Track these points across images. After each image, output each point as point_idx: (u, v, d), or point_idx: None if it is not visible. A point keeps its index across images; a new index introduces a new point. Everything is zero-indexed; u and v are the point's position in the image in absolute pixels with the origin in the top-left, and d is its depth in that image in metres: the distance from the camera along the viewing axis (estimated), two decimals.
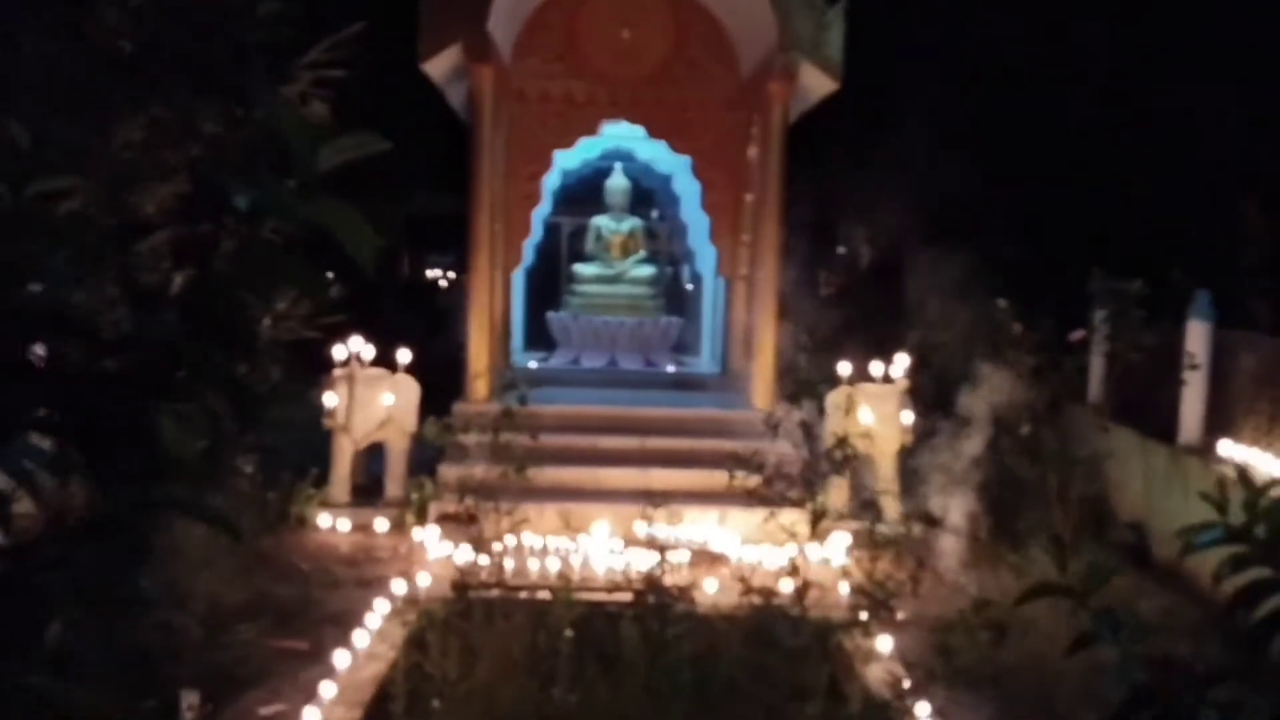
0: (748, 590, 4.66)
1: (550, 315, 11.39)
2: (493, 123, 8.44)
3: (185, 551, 5.54)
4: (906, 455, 7.50)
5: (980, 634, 4.52)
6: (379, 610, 5.33)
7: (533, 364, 10.68)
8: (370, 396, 7.46)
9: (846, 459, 7.56)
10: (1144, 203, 9.53)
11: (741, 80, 9.48)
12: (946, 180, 9.47)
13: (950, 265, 7.78)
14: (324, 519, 7.31)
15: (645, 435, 8.15)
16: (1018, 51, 10.15)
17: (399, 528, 7.29)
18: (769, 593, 4.61)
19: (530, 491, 7.16)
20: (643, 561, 6.42)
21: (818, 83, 8.32)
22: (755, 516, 6.49)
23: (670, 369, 10.57)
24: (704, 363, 11.21)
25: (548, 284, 12.69)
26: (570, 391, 9.32)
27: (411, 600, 5.54)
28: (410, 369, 7.79)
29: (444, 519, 7.05)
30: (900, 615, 4.67)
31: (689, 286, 13.31)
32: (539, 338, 11.69)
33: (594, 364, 10.69)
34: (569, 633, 4.67)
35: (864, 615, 4.54)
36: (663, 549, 6.75)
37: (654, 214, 13.59)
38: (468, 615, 4.90)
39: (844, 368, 7.64)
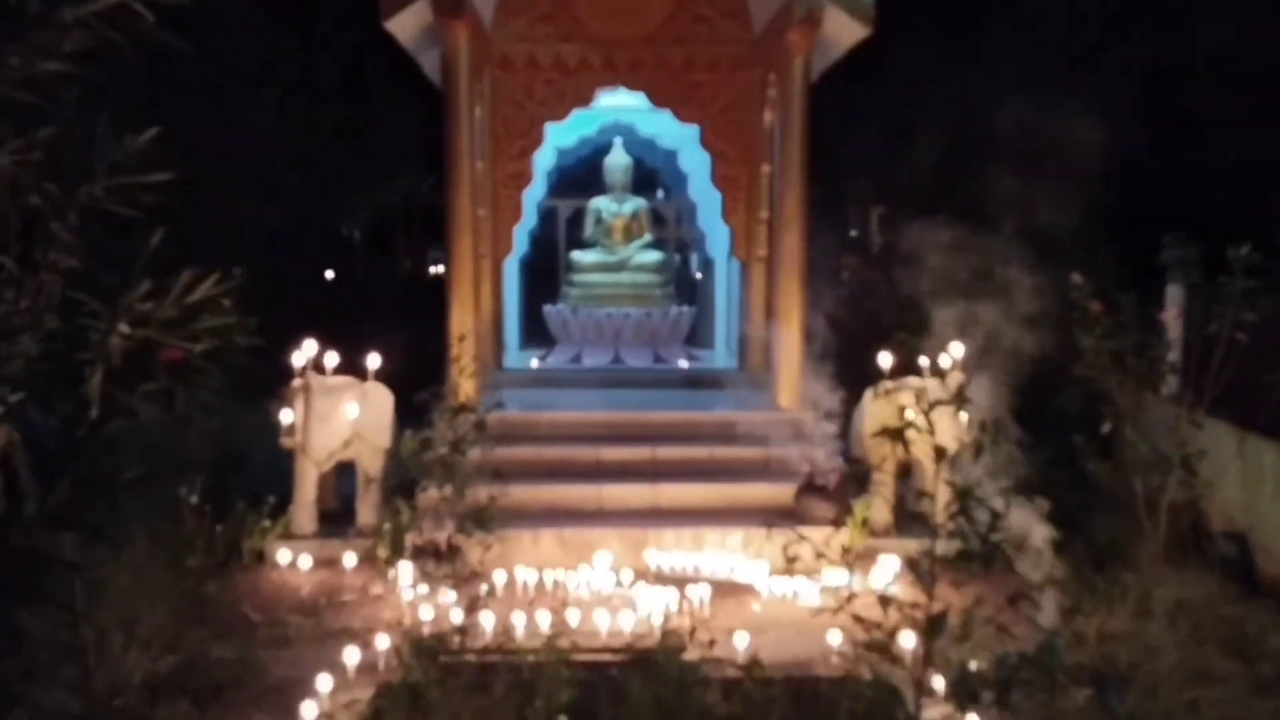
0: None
1: (547, 308, 10.34)
2: (471, 90, 7.36)
3: (101, 603, 4.51)
4: (962, 460, 6.40)
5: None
6: (322, 688, 4.26)
7: (534, 362, 9.68)
8: (330, 409, 6.38)
9: (901, 466, 6.58)
10: (1218, 162, 8.41)
11: (755, 36, 8.40)
12: (994, 138, 8.34)
13: (1005, 237, 6.69)
14: (284, 554, 6.25)
15: (656, 443, 7.11)
16: None
17: (370, 562, 6.23)
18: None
19: (522, 515, 6.14)
20: (655, 600, 5.41)
21: (845, 29, 7.20)
22: (784, 539, 5.49)
23: (682, 365, 9.55)
24: (719, 357, 10.25)
25: (544, 274, 11.66)
26: (569, 394, 8.33)
27: (369, 670, 4.48)
28: (386, 376, 6.71)
29: (420, 553, 5.99)
30: None
31: (699, 274, 12.29)
32: (536, 334, 10.66)
33: (596, 361, 9.69)
34: (563, 718, 3.62)
35: None
36: (679, 583, 5.74)
37: (659, 194, 12.54)
38: (437, 685, 3.89)
39: (884, 359, 6.56)
